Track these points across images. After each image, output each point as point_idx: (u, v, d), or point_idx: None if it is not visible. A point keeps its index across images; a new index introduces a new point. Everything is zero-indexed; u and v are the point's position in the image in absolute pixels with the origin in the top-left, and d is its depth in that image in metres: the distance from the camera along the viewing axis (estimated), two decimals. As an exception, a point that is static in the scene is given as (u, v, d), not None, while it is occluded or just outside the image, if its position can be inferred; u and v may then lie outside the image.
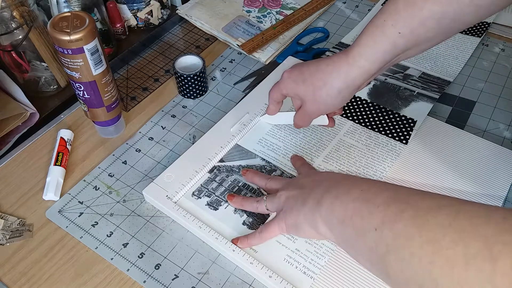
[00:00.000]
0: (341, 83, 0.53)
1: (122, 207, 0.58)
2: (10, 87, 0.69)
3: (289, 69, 0.58)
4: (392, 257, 0.38)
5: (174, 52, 0.79)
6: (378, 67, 0.52)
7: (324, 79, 0.54)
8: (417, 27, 0.49)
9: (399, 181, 0.59)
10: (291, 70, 0.57)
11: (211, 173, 0.60)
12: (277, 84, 0.59)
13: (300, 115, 0.59)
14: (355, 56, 0.52)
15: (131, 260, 0.53)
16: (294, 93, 0.58)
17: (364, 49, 0.51)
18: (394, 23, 0.49)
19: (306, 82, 0.55)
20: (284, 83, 0.58)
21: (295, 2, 0.87)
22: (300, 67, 0.57)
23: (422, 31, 0.49)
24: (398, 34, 0.49)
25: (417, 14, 0.48)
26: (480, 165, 0.60)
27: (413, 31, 0.49)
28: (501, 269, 0.30)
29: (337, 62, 0.53)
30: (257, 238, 0.52)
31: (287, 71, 0.58)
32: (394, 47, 0.50)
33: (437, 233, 0.35)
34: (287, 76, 0.58)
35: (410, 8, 0.48)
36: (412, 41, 0.50)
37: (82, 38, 0.53)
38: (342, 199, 0.44)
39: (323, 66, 0.54)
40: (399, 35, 0.49)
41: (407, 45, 0.50)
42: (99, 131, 0.66)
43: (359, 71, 0.52)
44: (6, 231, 0.55)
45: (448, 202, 0.37)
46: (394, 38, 0.49)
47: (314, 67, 0.55)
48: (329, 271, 0.51)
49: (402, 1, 0.49)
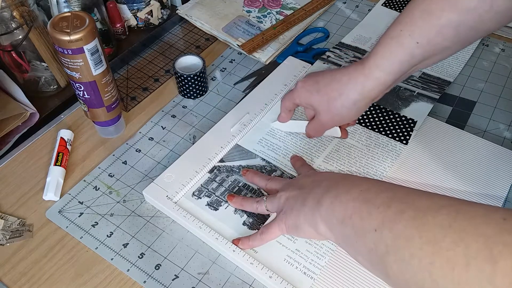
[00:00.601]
0: (357, 94, 0.52)
1: (122, 207, 0.58)
2: (10, 87, 0.69)
3: (303, 78, 0.58)
4: (391, 258, 0.38)
5: (174, 52, 0.79)
6: (395, 78, 0.51)
7: (339, 90, 0.53)
8: (435, 37, 0.48)
9: (399, 181, 0.59)
10: (305, 80, 0.57)
11: (211, 173, 0.60)
12: (290, 93, 0.59)
13: (313, 125, 0.59)
14: (371, 67, 0.51)
15: (131, 260, 0.53)
16: (308, 103, 0.57)
17: (381, 60, 0.51)
18: (410, 33, 0.49)
19: (320, 92, 0.55)
20: (298, 92, 0.57)
21: (295, 2, 0.87)
22: (315, 77, 0.56)
23: (439, 40, 0.48)
24: (415, 44, 0.49)
25: (434, 23, 0.47)
26: (480, 165, 0.60)
27: (430, 40, 0.48)
28: (501, 270, 0.30)
29: (353, 73, 0.53)
30: (258, 240, 0.52)
31: (301, 81, 0.57)
32: (411, 57, 0.49)
33: (437, 234, 0.35)
34: (301, 85, 0.57)
35: (427, 17, 0.48)
36: (430, 51, 0.49)
37: (82, 38, 0.53)
38: (341, 199, 0.44)
39: (339, 76, 0.54)
40: (417, 45, 0.49)
41: (424, 55, 0.49)
42: (99, 131, 0.66)
43: (375, 83, 0.51)
44: (6, 231, 0.55)
45: (448, 202, 0.37)
46: (411, 49, 0.49)
47: (329, 77, 0.54)
48: (329, 271, 0.51)
49: (419, 11, 0.48)
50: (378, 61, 0.51)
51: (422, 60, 0.50)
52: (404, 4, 0.85)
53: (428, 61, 0.51)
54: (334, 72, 0.55)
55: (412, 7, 0.50)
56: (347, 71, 0.53)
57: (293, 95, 0.58)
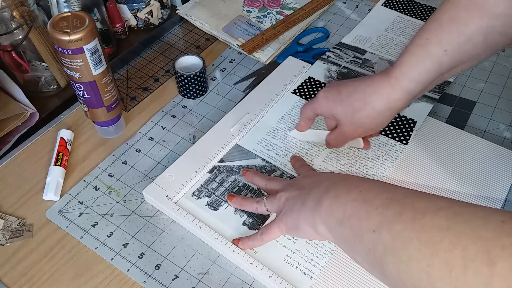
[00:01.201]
0: (382, 105, 0.51)
1: (122, 207, 0.58)
2: (10, 87, 0.69)
3: (325, 88, 0.56)
4: (389, 259, 0.38)
5: (174, 52, 0.79)
6: (422, 88, 0.50)
7: (363, 101, 0.52)
8: (464, 44, 0.47)
9: (399, 181, 0.59)
10: (328, 90, 0.56)
11: (211, 173, 0.60)
12: (311, 103, 0.58)
13: (335, 136, 0.58)
14: (398, 77, 0.50)
15: (131, 260, 0.53)
16: (330, 114, 0.56)
17: (407, 69, 0.50)
18: (438, 40, 0.48)
19: (343, 102, 0.54)
20: (319, 103, 0.56)
21: (295, 2, 0.87)
22: (337, 87, 0.55)
23: (469, 48, 0.48)
24: (443, 52, 0.48)
25: (463, 30, 0.47)
26: (480, 166, 0.60)
27: (459, 48, 0.47)
28: (499, 273, 0.30)
29: (378, 83, 0.52)
30: (258, 240, 0.52)
31: (323, 90, 0.56)
32: (439, 65, 0.49)
33: (435, 236, 0.35)
34: (323, 95, 0.56)
35: (455, 24, 0.47)
36: (458, 59, 0.49)
37: (82, 38, 0.53)
38: (340, 199, 0.44)
39: (362, 86, 0.53)
40: (445, 53, 0.48)
41: (452, 63, 0.49)
42: (99, 131, 0.66)
43: (402, 93, 0.50)
44: (6, 231, 0.55)
45: (447, 204, 0.37)
46: (439, 57, 0.48)
47: (352, 88, 0.54)
48: (329, 271, 0.51)
49: (446, 18, 0.47)
50: (405, 70, 0.50)
51: (450, 69, 0.49)
52: (404, 4, 0.85)
53: (456, 70, 0.50)
54: (357, 83, 0.54)
55: (438, 15, 0.49)
56: (372, 81, 0.52)
57: (314, 105, 0.57)
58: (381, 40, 0.79)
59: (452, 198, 0.39)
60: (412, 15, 0.83)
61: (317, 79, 0.72)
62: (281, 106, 0.68)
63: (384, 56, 0.76)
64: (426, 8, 0.84)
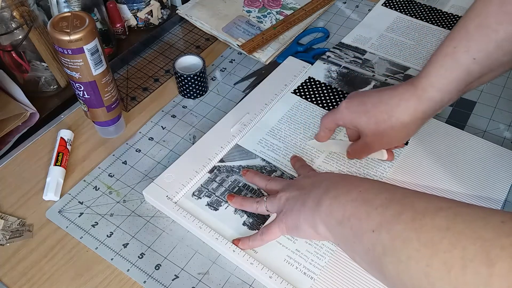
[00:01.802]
0: (409, 116, 0.50)
1: (122, 207, 0.58)
2: (10, 87, 0.69)
3: (347, 99, 0.55)
4: (388, 259, 0.38)
5: (174, 52, 0.79)
6: (450, 98, 0.49)
7: (389, 112, 0.51)
8: (494, 51, 0.46)
9: (399, 182, 0.59)
10: (350, 100, 0.55)
11: (211, 173, 0.60)
12: (333, 113, 0.56)
13: (358, 148, 0.57)
14: (425, 87, 0.49)
15: (131, 261, 0.53)
16: (353, 125, 0.55)
17: (435, 78, 0.49)
18: (467, 48, 0.47)
19: (368, 114, 0.53)
20: (342, 114, 0.55)
21: (295, 2, 0.87)
22: (361, 98, 0.54)
23: (499, 55, 0.47)
24: (472, 60, 0.47)
25: (492, 37, 0.46)
26: (480, 166, 0.60)
27: (489, 55, 0.47)
28: (498, 273, 0.30)
29: (403, 94, 0.50)
30: (258, 240, 0.52)
31: (346, 101, 0.55)
32: (468, 74, 0.48)
33: (434, 236, 0.35)
34: (345, 106, 0.55)
35: (483, 31, 0.46)
36: (487, 67, 0.48)
37: (82, 38, 0.53)
38: (340, 199, 0.44)
39: (386, 98, 0.52)
40: (474, 61, 0.47)
41: (482, 71, 0.48)
42: (99, 131, 0.66)
43: (430, 104, 0.49)
44: (6, 231, 0.55)
45: (446, 204, 0.37)
46: (468, 65, 0.47)
47: (376, 98, 0.52)
48: (329, 271, 0.51)
49: (473, 26, 0.47)
50: (433, 80, 0.49)
51: (478, 77, 0.49)
52: (404, 4, 0.85)
53: (484, 78, 0.50)
54: (381, 93, 0.52)
55: (465, 23, 0.48)
56: (397, 92, 0.51)
57: (336, 116, 0.56)
58: (381, 40, 0.79)
59: (452, 198, 0.39)
60: (412, 15, 0.83)
61: (317, 79, 0.72)
62: (281, 106, 0.68)
63: (384, 56, 0.76)
64: (426, 8, 0.84)
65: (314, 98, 0.69)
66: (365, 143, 0.55)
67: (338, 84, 0.71)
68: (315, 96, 0.70)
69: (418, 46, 0.77)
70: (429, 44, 0.78)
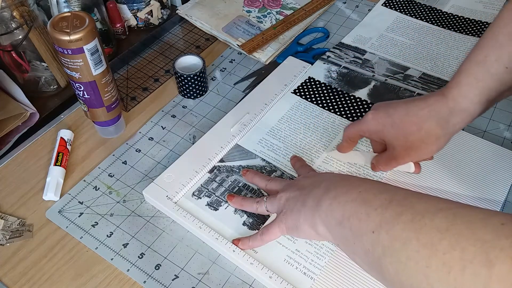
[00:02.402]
0: (440, 129, 0.49)
1: (122, 207, 0.58)
2: (10, 87, 0.69)
3: (373, 109, 0.53)
4: (388, 260, 0.38)
5: (174, 52, 0.79)
6: (483, 108, 0.48)
7: (418, 124, 0.49)
8: None
9: (399, 182, 0.59)
10: (376, 112, 0.53)
11: (211, 173, 0.60)
12: (358, 124, 0.55)
13: (384, 160, 0.55)
14: (457, 98, 0.48)
15: (131, 261, 0.53)
16: (379, 137, 0.54)
17: (467, 88, 0.47)
18: (498, 57, 0.46)
19: (395, 126, 0.51)
20: (367, 125, 0.53)
21: (295, 2, 0.87)
22: (386, 109, 0.52)
23: None
24: (504, 69, 0.46)
25: None
26: (480, 166, 0.60)
27: None
28: (497, 274, 0.30)
29: (433, 105, 0.49)
30: (258, 241, 0.52)
31: (372, 112, 0.53)
32: (501, 83, 0.47)
33: (434, 237, 0.35)
34: (371, 117, 0.53)
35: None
36: None
37: (82, 38, 0.53)
38: (340, 200, 0.44)
39: (415, 109, 0.50)
40: (506, 70, 0.46)
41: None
42: (99, 131, 0.66)
43: (462, 115, 0.48)
44: (6, 231, 0.55)
45: (446, 205, 0.37)
46: (501, 74, 0.46)
47: (403, 110, 0.50)
48: (329, 271, 0.51)
49: (504, 34, 0.46)
50: (464, 90, 0.47)
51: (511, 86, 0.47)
52: (404, 4, 0.85)
53: None
54: (408, 104, 0.51)
55: (494, 32, 0.47)
56: (426, 103, 0.49)
57: (362, 127, 0.54)
58: (381, 40, 0.79)
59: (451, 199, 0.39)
60: (412, 15, 0.83)
61: (317, 79, 0.72)
62: (281, 106, 0.68)
63: (384, 56, 0.76)
64: (426, 8, 0.84)
65: (314, 98, 0.69)
66: (393, 156, 0.54)
67: (338, 84, 0.72)
68: (315, 96, 0.70)
69: (418, 46, 0.77)
70: (429, 44, 0.78)
